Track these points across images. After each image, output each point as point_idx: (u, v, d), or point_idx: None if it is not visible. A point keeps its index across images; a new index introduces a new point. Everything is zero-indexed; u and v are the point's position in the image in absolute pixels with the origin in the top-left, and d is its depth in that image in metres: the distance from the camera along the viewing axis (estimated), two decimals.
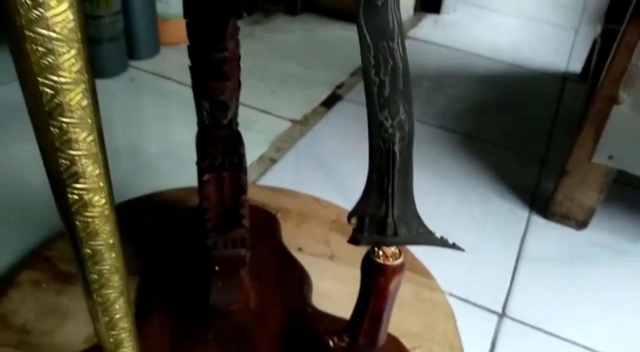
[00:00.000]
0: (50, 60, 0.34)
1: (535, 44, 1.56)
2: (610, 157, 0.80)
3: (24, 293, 0.61)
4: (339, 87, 1.21)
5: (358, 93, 1.19)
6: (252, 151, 0.95)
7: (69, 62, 0.34)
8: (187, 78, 0.49)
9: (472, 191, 0.94)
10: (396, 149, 0.43)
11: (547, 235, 0.86)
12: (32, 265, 0.65)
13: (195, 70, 0.45)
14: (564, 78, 1.37)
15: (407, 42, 0.37)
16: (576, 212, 0.86)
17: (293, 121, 1.07)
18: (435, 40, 1.49)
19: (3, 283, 0.63)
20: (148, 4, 1.17)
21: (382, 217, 0.45)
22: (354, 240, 0.45)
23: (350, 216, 0.45)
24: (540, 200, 0.92)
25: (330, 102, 1.16)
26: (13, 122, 0.97)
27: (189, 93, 0.51)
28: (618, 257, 0.83)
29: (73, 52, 0.34)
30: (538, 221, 0.88)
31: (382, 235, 0.45)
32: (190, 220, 0.64)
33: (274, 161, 0.95)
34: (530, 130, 1.13)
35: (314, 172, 0.94)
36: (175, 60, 1.21)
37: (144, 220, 0.70)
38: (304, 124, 1.07)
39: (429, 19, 1.63)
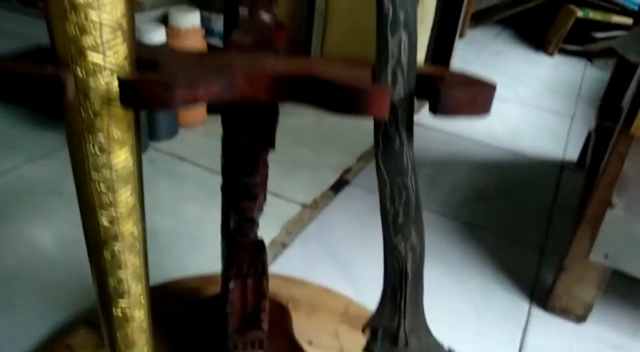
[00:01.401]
0: (110, 197, 0.39)
1: (533, 130, 1.64)
2: (605, 256, 0.84)
3: None
4: (347, 171, 1.27)
5: (364, 178, 1.25)
6: (264, 234, 0.98)
7: (126, 198, 0.39)
8: (204, 160, 0.54)
9: (473, 280, 0.97)
10: (408, 269, 0.47)
11: (548, 328, 0.89)
12: None
13: (227, 190, 0.50)
14: (562, 166, 1.43)
15: None
16: (575, 307, 0.90)
17: (303, 205, 1.12)
18: (436, 126, 1.56)
19: None
20: None
21: (395, 329, 0.49)
22: (368, 351, 0.49)
23: (365, 327, 0.49)
24: (540, 291, 0.95)
25: (338, 186, 1.21)
26: (40, 200, 1.01)
27: (205, 175, 0.56)
28: None
29: (130, 189, 0.39)
30: (539, 313, 0.91)
31: (394, 346, 0.49)
32: (207, 312, 0.68)
33: (284, 246, 0.99)
34: (529, 219, 1.17)
35: (323, 257, 0.97)
36: (193, 142, 1.28)
37: (160, 310, 0.74)
38: (313, 208, 1.12)
39: None
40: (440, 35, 1.68)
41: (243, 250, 0.52)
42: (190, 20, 1.25)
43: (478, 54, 2.33)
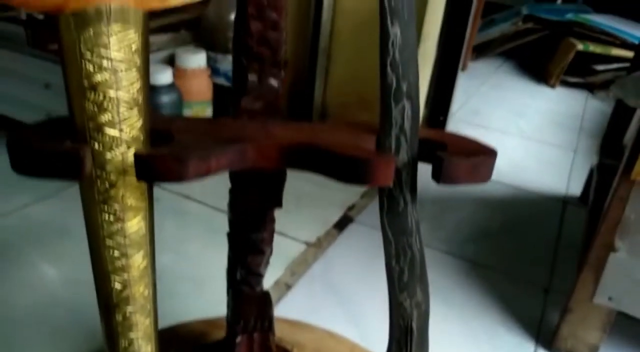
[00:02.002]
0: (123, 262, 0.40)
1: (535, 164, 1.65)
2: (610, 299, 0.84)
3: None
4: (350, 208, 1.28)
5: (368, 215, 1.26)
6: (269, 275, 0.99)
7: (138, 262, 0.40)
8: (209, 198, 0.55)
9: (478, 320, 0.97)
10: (414, 325, 0.48)
11: None
12: None
13: (233, 243, 0.51)
14: (565, 201, 1.43)
15: None
16: (581, 349, 0.89)
17: (307, 244, 1.13)
18: None
19: None
20: None
21: None
22: None
23: None
24: (546, 332, 0.95)
25: (342, 224, 1.22)
26: (46, 241, 1.03)
27: (210, 213, 0.57)
28: None
29: (143, 253, 0.41)
30: None
31: None
32: None
33: (289, 287, 1.00)
34: (533, 257, 1.18)
35: (328, 298, 0.98)
36: (197, 180, 1.29)
37: None
38: (317, 246, 1.12)
39: None
40: (443, 69, 1.70)
41: (249, 303, 0.53)
42: (196, 60, 1.28)
43: (479, 86, 2.36)
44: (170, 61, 1.32)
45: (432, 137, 0.41)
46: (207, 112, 1.33)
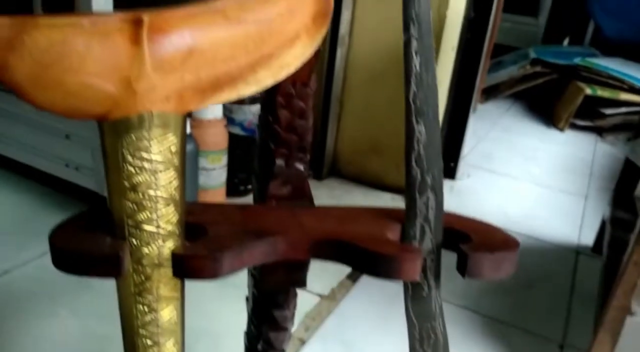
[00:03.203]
0: (154, 350, 0.41)
1: (547, 212, 1.65)
2: None
3: None
4: None
5: None
6: None
7: (169, 350, 0.41)
8: None
9: None
10: None
11: None
12: None
13: (256, 318, 0.52)
14: (577, 251, 1.43)
15: None
16: None
17: (321, 296, 1.13)
18: (452, 207, 1.58)
19: None
20: (191, 175, 1.28)
21: None
22: None
23: None
24: None
25: (355, 274, 1.22)
26: (63, 293, 1.03)
27: None
28: None
29: (173, 340, 0.41)
30: None
31: None
32: None
33: (303, 342, 0.99)
34: (547, 310, 1.17)
35: None
36: None
37: None
38: (331, 299, 1.12)
39: (446, 186, 1.74)
40: (454, 111, 1.73)
41: None
42: (212, 111, 1.30)
43: (490, 130, 2.38)
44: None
45: (457, 227, 0.43)
46: (223, 160, 1.35)
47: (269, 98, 0.45)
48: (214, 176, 1.34)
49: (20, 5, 1.20)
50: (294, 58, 0.37)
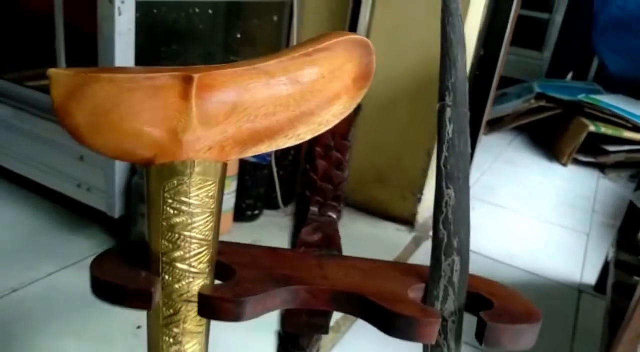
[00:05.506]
0: None
1: (550, 249, 1.66)
2: None
3: None
4: None
5: None
6: None
7: None
8: None
9: None
10: None
11: None
12: None
13: None
14: (580, 290, 1.44)
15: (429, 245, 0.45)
16: None
17: None
18: None
19: None
20: None
21: None
22: None
23: None
24: None
25: None
26: (72, 312, 1.03)
27: None
28: None
29: None
30: None
31: None
32: None
33: None
34: (551, 350, 1.18)
35: None
36: None
37: None
38: (336, 331, 1.13)
39: None
40: None
41: None
42: None
43: (493, 162, 2.40)
44: None
45: (480, 292, 0.44)
46: (232, 186, 1.37)
47: (309, 148, 0.47)
48: (225, 200, 1.35)
49: (43, 60, 1.25)
50: (333, 116, 0.39)
